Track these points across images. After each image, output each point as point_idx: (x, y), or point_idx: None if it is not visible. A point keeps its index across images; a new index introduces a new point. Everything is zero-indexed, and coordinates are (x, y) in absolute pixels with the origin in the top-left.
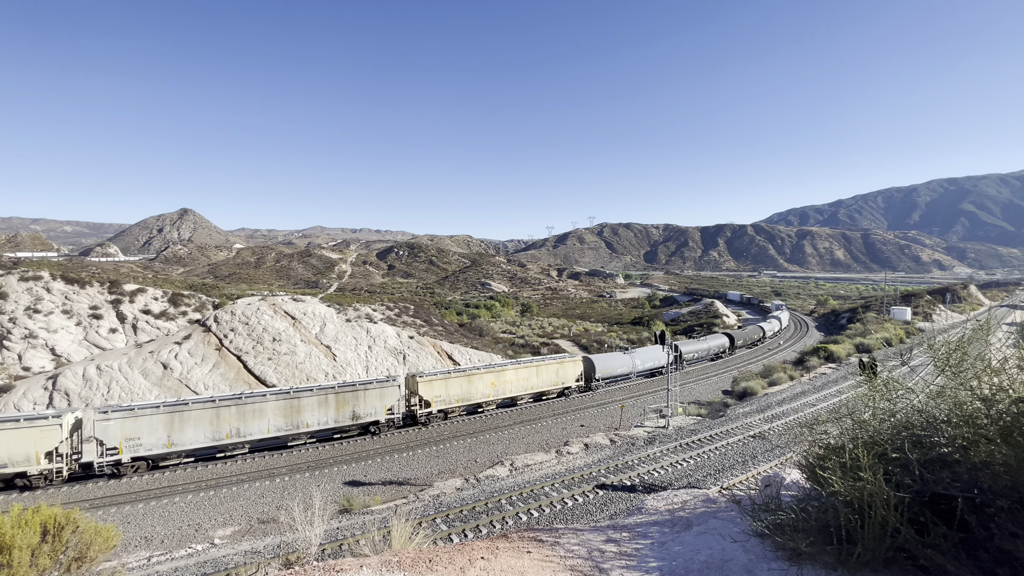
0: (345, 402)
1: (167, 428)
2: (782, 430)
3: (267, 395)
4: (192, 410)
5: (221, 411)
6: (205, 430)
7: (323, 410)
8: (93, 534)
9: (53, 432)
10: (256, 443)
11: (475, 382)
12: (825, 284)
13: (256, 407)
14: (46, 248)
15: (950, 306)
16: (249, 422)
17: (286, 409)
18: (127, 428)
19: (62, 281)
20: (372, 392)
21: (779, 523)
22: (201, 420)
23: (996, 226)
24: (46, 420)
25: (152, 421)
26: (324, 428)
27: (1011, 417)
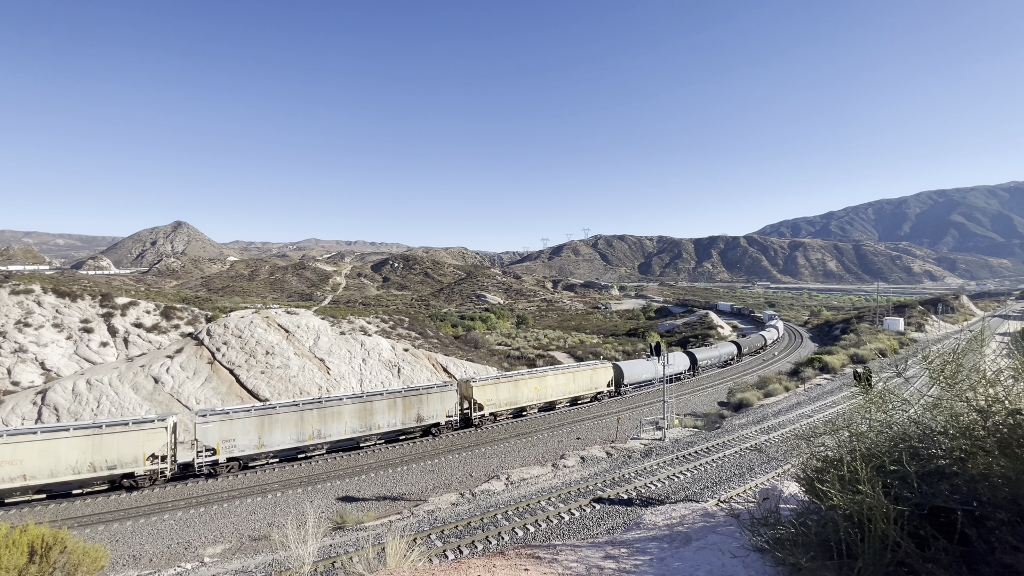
0: (411, 405)
1: (258, 430)
2: (779, 442)
3: (344, 399)
4: (279, 413)
5: (304, 414)
6: (291, 432)
7: (392, 413)
8: (81, 554)
9: (159, 435)
10: (334, 444)
11: (521, 387)
12: (818, 295)
13: (335, 410)
14: (38, 261)
15: (942, 316)
16: (329, 424)
17: (360, 412)
18: (224, 430)
19: (53, 294)
20: (434, 396)
21: (779, 537)
22: (288, 423)
23: (986, 237)
24: (152, 424)
25: (245, 424)
26: (392, 430)
27: (1008, 429)
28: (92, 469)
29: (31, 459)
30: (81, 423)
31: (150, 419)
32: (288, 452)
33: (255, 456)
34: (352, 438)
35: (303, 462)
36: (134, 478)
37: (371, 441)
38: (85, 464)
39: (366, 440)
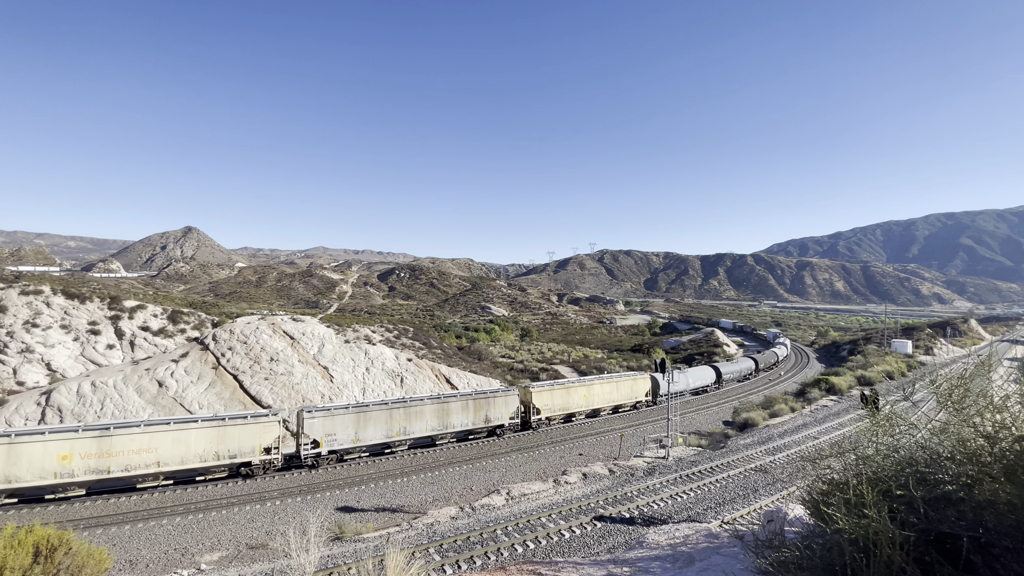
0: (480, 407)
1: (355, 426)
2: (784, 463)
3: (425, 400)
4: (372, 411)
5: (393, 412)
6: (382, 428)
7: (465, 414)
8: (85, 556)
9: (273, 428)
10: (415, 440)
11: (572, 394)
12: (825, 315)
13: (418, 409)
14: (49, 263)
15: (951, 340)
16: (413, 422)
17: (439, 412)
18: (327, 425)
19: (62, 296)
20: (499, 399)
21: (783, 560)
22: (379, 420)
23: (995, 261)
24: (267, 418)
25: (344, 420)
26: (464, 429)
27: (1015, 455)
28: (216, 458)
29: (165, 448)
30: (207, 415)
31: (264, 413)
32: (377, 447)
33: (351, 450)
34: (431, 435)
35: (304, 470)
36: (251, 467)
37: (446, 439)
38: (211, 453)
39: (441, 437)
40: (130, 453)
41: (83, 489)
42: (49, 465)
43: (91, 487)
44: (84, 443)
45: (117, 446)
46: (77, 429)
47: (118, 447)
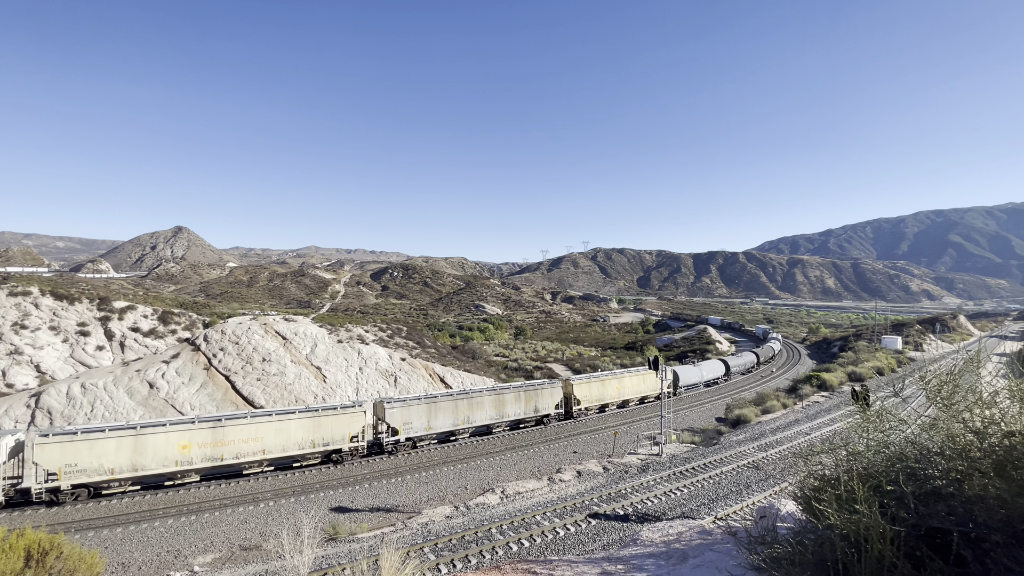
0: (530, 398)
1: (428, 415)
2: (776, 459)
3: (483, 391)
4: (441, 402)
5: (458, 403)
6: (449, 417)
7: (517, 404)
8: (77, 560)
9: (359, 418)
10: (476, 428)
11: (606, 386)
12: (816, 312)
13: (478, 400)
14: (37, 263)
15: (940, 336)
16: (475, 412)
17: (496, 402)
18: (405, 414)
19: (51, 297)
20: (545, 391)
21: (776, 556)
22: (447, 409)
23: (983, 257)
24: (355, 409)
25: (419, 409)
26: (517, 418)
27: (1003, 450)
28: (312, 445)
29: (269, 437)
30: (303, 407)
31: (351, 404)
32: (445, 434)
33: (423, 437)
34: (488, 424)
35: (296, 471)
36: (340, 453)
37: (501, 427)
38: (307, 441)
39: (497, 425)
40: (240, 442)
41: (198, 476)
42: (171, 454)
43: (205, 474)
44: (201, 433)
45: (229, 436)
46: (193, 421)
47: (230, 437)
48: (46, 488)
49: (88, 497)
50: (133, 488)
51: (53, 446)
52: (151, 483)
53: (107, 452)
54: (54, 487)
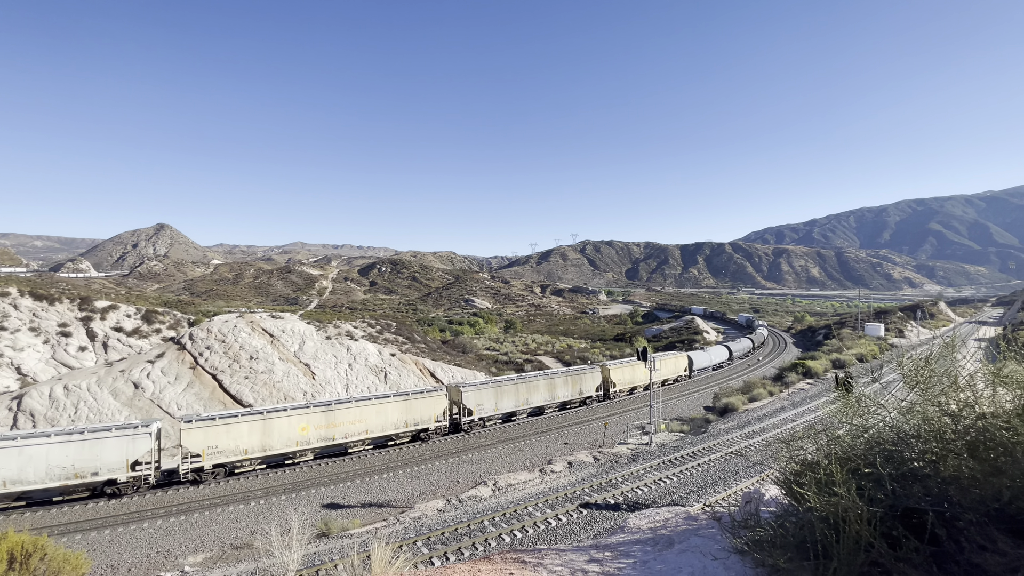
0: (576, 382)
1: (495, 398)
2: (762, 446)
3: (538, 375)
4: (505, 385)
5: (519, 386)
6: (512, 399)
7: (565, 387)
8: (61, 561)
9: (442, 401)
10: (532, 409)
11: (636, 371)
12: (802, 301)
13: (534, 384)
14: (15, 263)
15: (921, 323)
16: (532, 395)
17: (548, 386)
18: (477, 397)
19: (30, 297)
20: (587, 376)
21: (758, 540)
22: (511, 392)
23: (963, 245)
24: (437, 392)
25: (489, 392)
26: (565, 400)
27: (976, 432)
28: (405, 425)
29: (370, 418)
30: (397, 392)
31: (435, 388)
32: (508, 415)
33: (491, 417)
34: (542, 405)
35: (288, 468)
36: (427, 432)
37: (552, 408)
38: (401, 421)
39: (549, 407)
40: (347, 424)
41: (312, 455)
42: (293, 435)
43: (319, 452)
44: (316, 416)
45: (339, 418)
46: (308, 406)
47: (339, 419)
48: (191, 468)
49: (224, 475)
50: (260, 467)
51: (198, 430)
52: (275, 462)
53: (241, 435)
54: (198, 467)
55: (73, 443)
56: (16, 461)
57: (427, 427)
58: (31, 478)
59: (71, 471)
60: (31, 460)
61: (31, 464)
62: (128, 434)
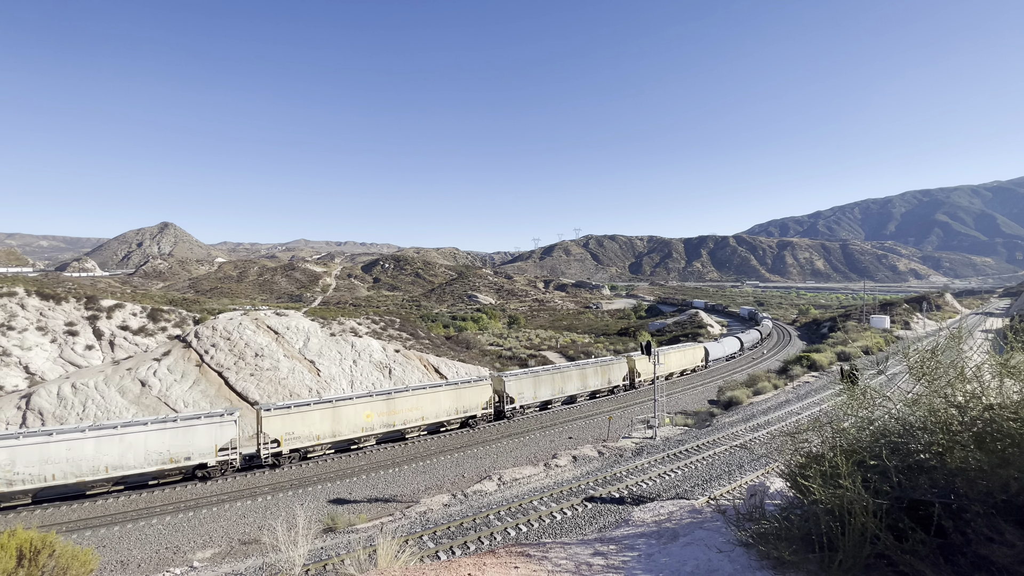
0: (604, 372)
1: (534, 387)
2: (766, 439)
3: (571, 367)
4: (542, 375)
5: (555, 376)
6: (549, 388)
7: (595, 377)
8: (70, 558)
9: (488, 390)
10: (566, 398)
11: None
12: (806, 294)
13: (568, 374)
14: (21, 263)
15: (927, 314)
16: (566, 384)
17: (581, 376)
18: (518, 386)
19: (37, 297)
20: (615, 366)
21: (763, 532)
22: (547, 382)
23: (969, 236)
24: (483, 381)
25: (528, 382)
26: (595, 389)
27: (983, 423)
28: (456, 412)
29: (425, 406)
30: (448, 381)
31: (482, 378)
32: (545, 403)
33: (530, 405)
34: (575, 394)
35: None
36: (475, 418)
37: (583, 397)
38: (453, 409)
39: (580, 395)
40: (406, 411)
41: (374, 440)
42: (359, 422)
43: (380, 438)
44: (378, 404)
45: (398, 406)
46: (371, 395)
47: (399, 407)
48: (271, 452)
49: (299, 459)
50: (330, 452)
51: (276, 418)
52: (342, 447)
53: (314, 422)
54: (276, 452)
55: (168, 430)
56: (118, 448)
57: (474, 414)
58: (131, 463)
59: (166, 456)
60: (131, 447)
61: (131, 451)
62: (216, 422)
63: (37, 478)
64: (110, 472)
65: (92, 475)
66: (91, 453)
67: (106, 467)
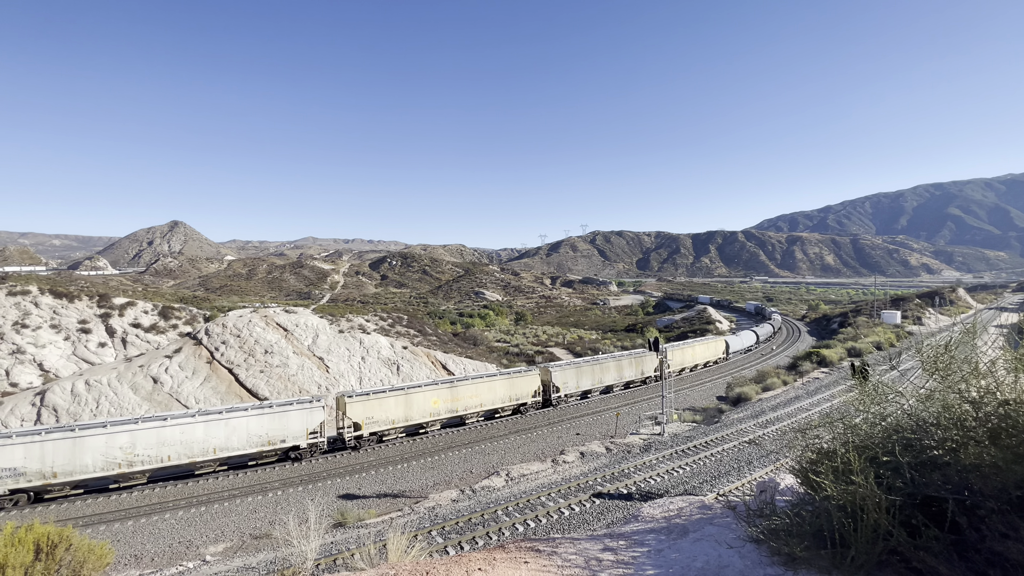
0: (637, 364)
1: (576, 377)
2: (776, 435)
3: (608, 358)
4: (583, 366)
5: (594, 367)
6: (590, 378)
7: (630, 368)
8: (87, 552)
9: (536, 379)
10: (603, 388)
11: (685, 352)
12: (816, 289)
13: (606, 365)
14: (34, 262)
15: (939, 309)
16: (604, 374)
17: (617, 367)
18: (564, 376)
19: (50, 295)
20: (647, 358)
21: (774, 528)
22: (588, 372)
23: (982, 230)
24: (531, 371)
25: (572, 372)
26: (629, 379)
27: (998, 419)
28: (509, 400)
29: (483, 394)
30: (502, 371)
31: (531, 370)
32: (585, 392)
33: (573, 393)
34: (611, 384)
35: (303, 461)
36: (525, 406)
37: (619, 387)
38: (506, 396)
39: (616, 385)
40: (467, 398)
41: (440, 424)
42: (428, 408)
43: (444, 423)
44: (444, 392)
45: (460, 394)
46: (437, 383)
47: (460, 394)
48: (353, 436)
49: (376, 442)
50: (401, 435)
51: (359, 404)
52: (411, 431)
53: (390, 407)
54: (358, 435)
55: (266, 416)
56: (223, 431)
57: (525, 401)
58: (235, 445)
59: (265, 439)
60: (235, 431)
61: (235, 434)
62: (307, 407)
63: (155, 459)
64: (217, 453)
65: (202, 456)
66: (201, 436)
67: (214, 448)
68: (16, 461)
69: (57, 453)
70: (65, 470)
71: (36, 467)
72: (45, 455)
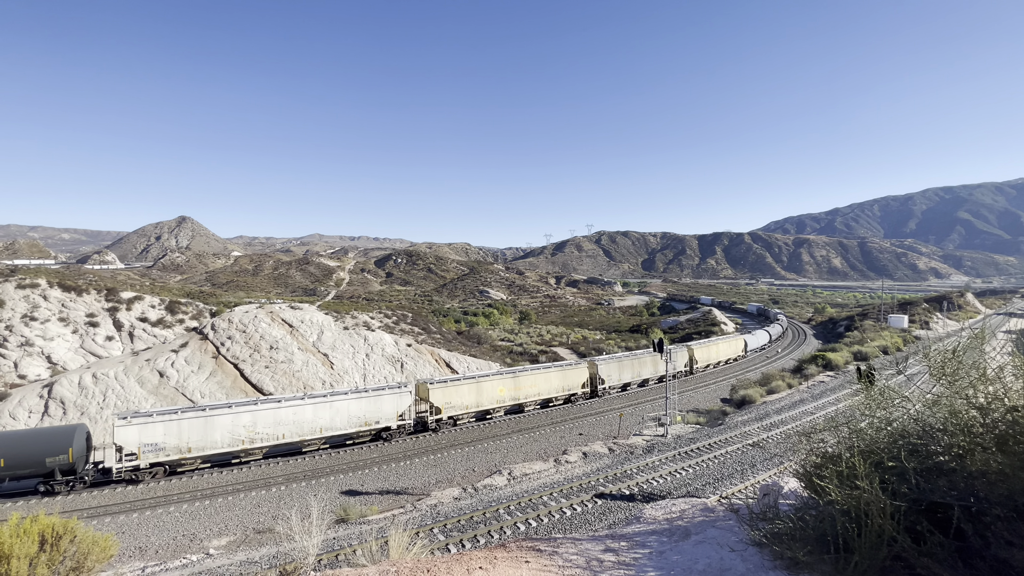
0: (653, 363)
1: (619, 371)
2: (780, 439)
3: (644, 354)
4: (623, 360)
5: (633, 362)
6: (629, 372)
7: (654, 366)
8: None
9: (584, 373)
10: (640, 381)
11: (710, 349)
12: (823, 292)
13: (643, 360)
14: (43, 256)
15: (947, 314)
16: (641, 369)
17: (652, 363)
18: (608, 369)
19: (59, 289)
20: (678, 354)
21: (777, 532)
22: (628, 367)
23: (992, 234)
24: (581, 364)
25: (614, 366)
26: (644, 378)
27: (1006, 425)
28: (561, 390)
29: (540, 384)
30: (556, 363)
31: (580, 363)
32: (625, 385)
33: (615, 386)
34: (647, 378)
35: (305, 456)
36: (575, 396)
37: (634, 386)
38: (559, 387)
39: (652, 378)
40: (526, 387)
41: (503, 411)
42: (495, 395)
43: (507, 409)
44: (507, 381)
45: (521, 383)
46: (502, 373)
47: (522, 384)
48: (434, 419)
49: (452, 425)
50: (472, 420)
51: (439, 390)
52: (481, 416)
53: (463, 394)
54: (438, 418)
55: (363, 399)
56: (328, 413)
57: (575, 392)
58: (338, 425)
59: (362, 420)
60: (338, 412)
61: (338, 415)
62: (396, 392)
63: (272, 436)
64: (323, 432)
65: (311, 435)
66: (310, 417)
67: (320, 428)
68: (157, 437)
69: (192, 430)
70: (198, 446)
71: (174, 443)
72: (182, 432)
